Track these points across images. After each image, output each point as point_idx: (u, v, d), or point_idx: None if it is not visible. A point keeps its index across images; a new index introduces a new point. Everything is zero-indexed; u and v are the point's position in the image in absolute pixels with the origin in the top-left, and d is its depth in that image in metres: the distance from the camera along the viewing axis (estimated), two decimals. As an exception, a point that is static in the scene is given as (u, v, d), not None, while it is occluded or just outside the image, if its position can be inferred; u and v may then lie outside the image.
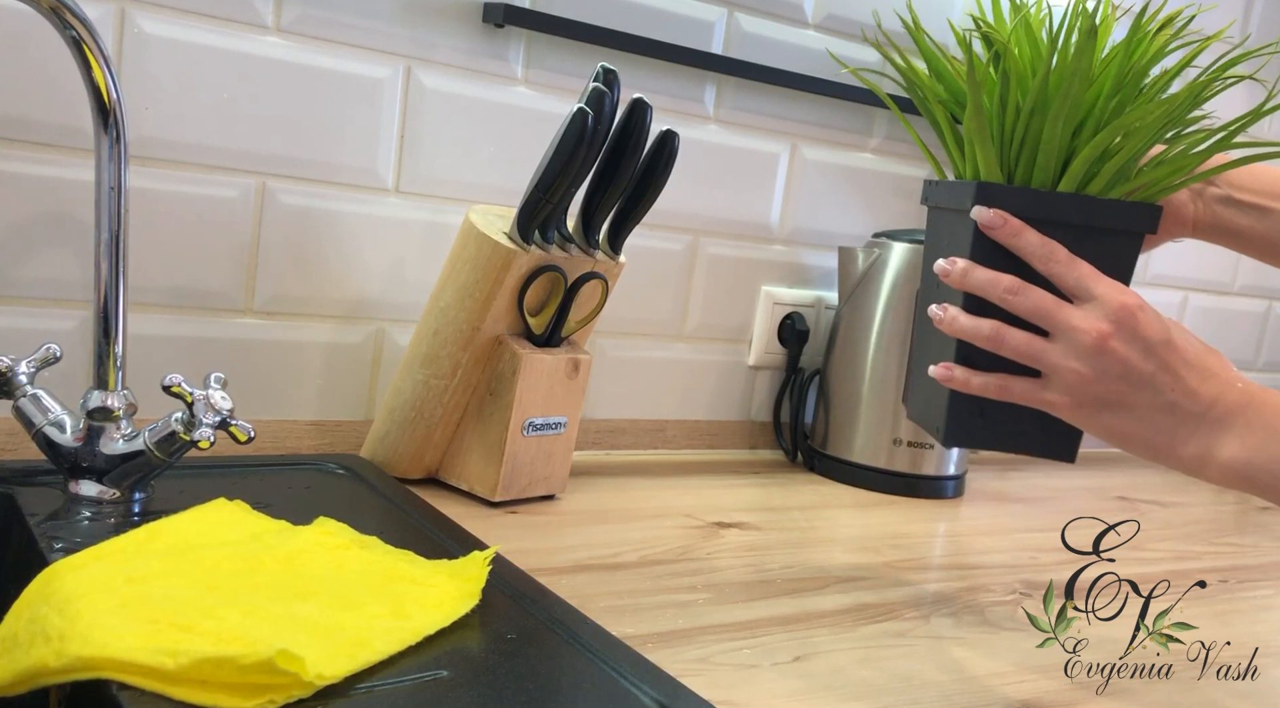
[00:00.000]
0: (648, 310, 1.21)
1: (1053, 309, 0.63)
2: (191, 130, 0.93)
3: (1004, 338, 0.64)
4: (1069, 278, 0.63)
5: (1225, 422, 0.60)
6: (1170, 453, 0.62)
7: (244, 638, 0.56)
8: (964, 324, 0.65)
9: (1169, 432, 0.61)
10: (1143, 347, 0.61)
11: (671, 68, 1.14)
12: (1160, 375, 0.61)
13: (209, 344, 0.96)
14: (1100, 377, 0.62)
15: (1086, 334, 0.62)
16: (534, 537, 0.89)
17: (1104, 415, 0.63)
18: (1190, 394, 0.60)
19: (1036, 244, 0.64)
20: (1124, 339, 0.61)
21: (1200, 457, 0.61)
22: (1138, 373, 0.61)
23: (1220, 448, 0.60)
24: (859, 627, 0.80)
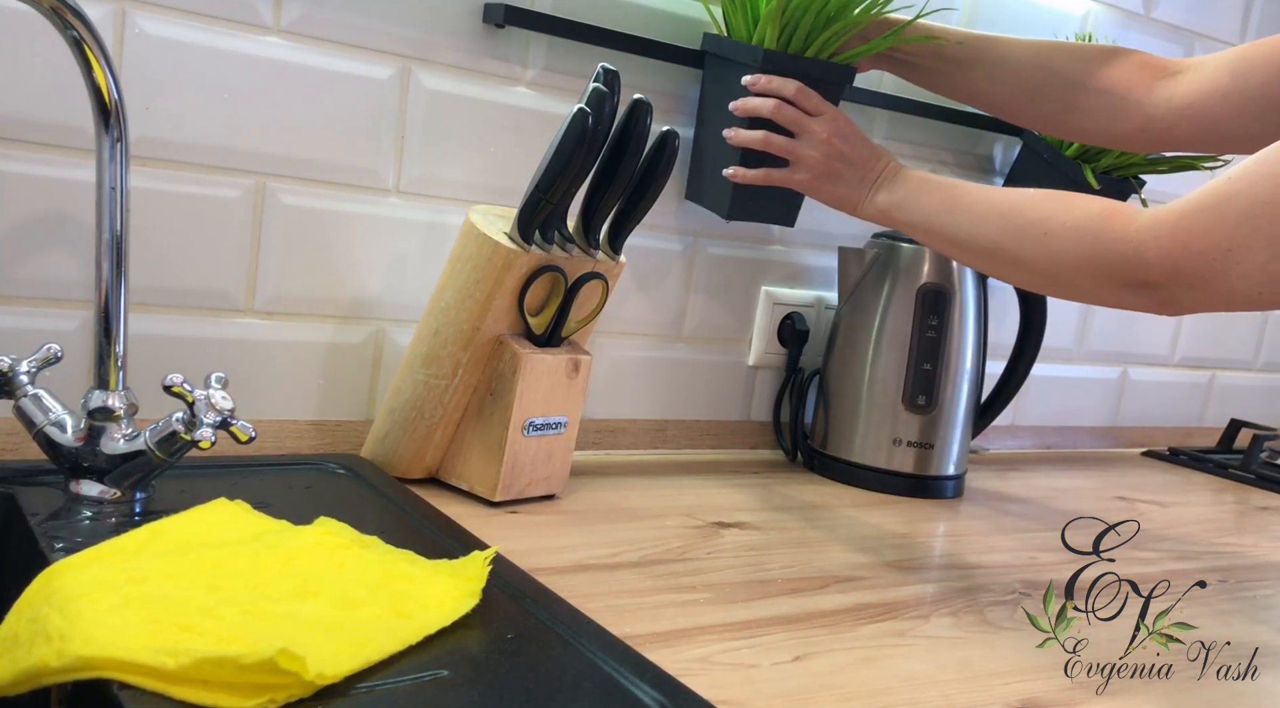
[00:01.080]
0: (648, 310, 1.21)
1: (801, 118, 1.00)
2: (191, 130, 0.93)
3: (770, 140, 1.01)
4: (809, 102, 1.01)
5: (879, 185, 0.97)
6: (851, 203, 0.99)
7: (245, 638, 0.56)
8: (745, 136, 1.02)
9: (852, 191, 0.98)
10: (844, 140, 0.99)
11: (672, 68, 1.14)
12: (852, 156, 0.98)
13: (209, 344, 0.96)
14: (827, 160, 0.99)
15: (819, 134, 0.99)
16: (534, 537, 0.89)
17: (827, 185, 0.99)
18: (866, 169, 0.98)
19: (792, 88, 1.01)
20: (839, 138, 0.99)
21: (866, 204, 0.98)
22: (845, 157, 0.98)
23: (875, 199, 0.97)
24: (859, 627, 0.80)
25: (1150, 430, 1.73)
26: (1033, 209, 0.86)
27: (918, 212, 0.94)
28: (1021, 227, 0.86)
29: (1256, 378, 1.87)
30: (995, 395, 1.34)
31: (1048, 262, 0.84)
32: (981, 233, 0.89)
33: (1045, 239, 0.84)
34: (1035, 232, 0.85)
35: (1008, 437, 1.56)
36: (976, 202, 0.90)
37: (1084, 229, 0.82)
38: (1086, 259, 0.82)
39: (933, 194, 0.94)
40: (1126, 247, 0.79)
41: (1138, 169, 1.31)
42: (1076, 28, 1.45)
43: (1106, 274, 0.81)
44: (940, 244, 0.95)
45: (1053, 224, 0.84)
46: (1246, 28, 1.64)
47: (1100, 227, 0.81)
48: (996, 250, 0.88)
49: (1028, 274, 0.89)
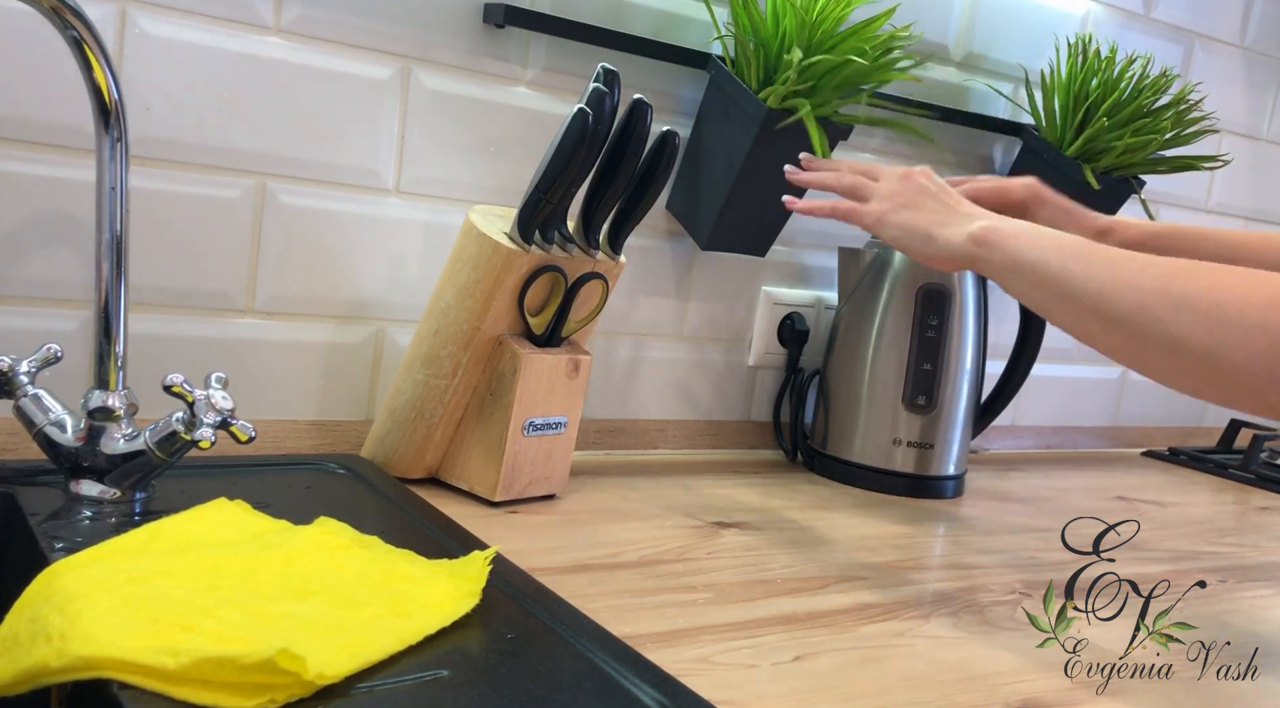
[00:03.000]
0: (648, 310, 1.21)
1: (868, 173, 0.95)
2: (191, 130, 0.93)
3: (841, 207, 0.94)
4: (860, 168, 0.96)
5: (973, 218, 0.85)
6: (935, 236, 0.86)
7: (245, 638, 0.56)
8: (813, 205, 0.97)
9: (940, 222, 0.86)
10: (929, 180, 0.91)
11: (671, 68, 1.14)
12: (940, 194, 0.89)
13: (209, 344, 0.96)
14: (905, 191, 0.90)
15: (893, 173, 0.92)
16: (534, 537, 0.89)
17: (903, 213, 0.89)
18: (957, 203, 0.88)
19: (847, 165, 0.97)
20: (918, 175, 0.91)
21: (953, 235, 0.84)
22: (928, 191, 0.90)
23: (970, 227, 0.83)
24: (859, 627, 0.80)
25: (1150, 430, 1.73)
26: (1200, 275, 0.67)
27: (1028, 249, 0.77)
28: (1185, 293, 0.66)
29: (1256, 378, 1.86)
30: (995, 395, 1.34)
31: (1216, 342, 0.64)
32: (1123, 294, 0.69)
33: (1217, 312, 0.64)
34: (1205, 303, 0.65)
35: (1008, 437, 1.56)
36: (1117, 256, 0.72)
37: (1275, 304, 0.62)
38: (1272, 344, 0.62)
39: (1051, 239, 0.77)
40: None
41: (1138, 169, 1.31)
42: (1076, 28, 1.45)
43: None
44: (1052, 297, 0.75)
45: (1230, 296, 0.64)
46: (1247, 28, 1.64)
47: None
48: (1142, 319, 0.68)
49: (1183, 357, 0.67)
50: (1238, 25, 1.63)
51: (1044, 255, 0.76)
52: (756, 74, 1.09)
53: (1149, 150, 1.29)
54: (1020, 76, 1.40)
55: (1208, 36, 1.60)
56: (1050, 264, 0.75)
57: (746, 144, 1.09)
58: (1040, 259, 0.76)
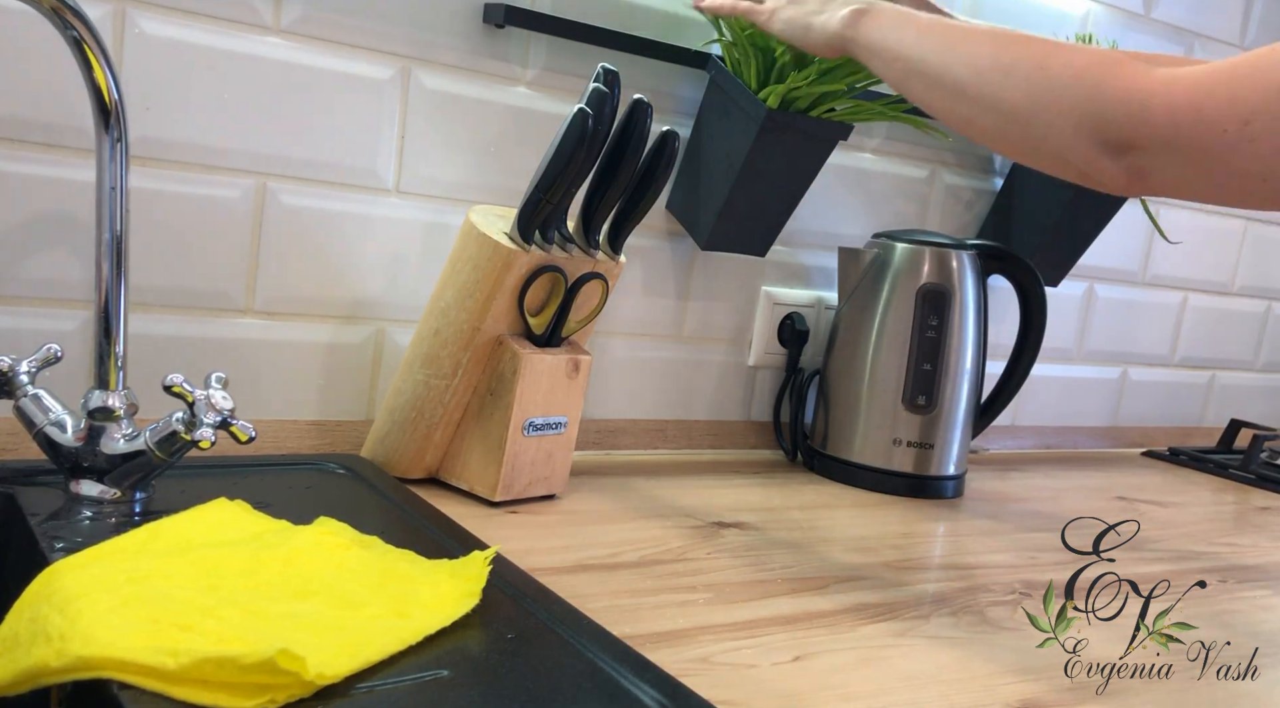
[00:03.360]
0: (648, 310, 1.21)
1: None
2: (191, 130, 0.93)
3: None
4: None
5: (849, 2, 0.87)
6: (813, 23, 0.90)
7: (245, 638, 0.56)
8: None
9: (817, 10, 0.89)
10: None
11: (672, 68, 1.14)
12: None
13: (209, 344, 0.96)
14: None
15: None
16: (534, 537, 0.89)
17: (789, 9, 0.93)
18: None
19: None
20: None
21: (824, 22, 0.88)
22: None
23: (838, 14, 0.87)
24: (859, 627, 0.80)
25: (1150, 430, 1.73)
26: (1030, 44, 0.75)
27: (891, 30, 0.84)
28: (1014, 61, 0.75)
29: (1256, 378, 1.87)
30: (995, 395, 1.34)
31: (1030, 101, 0.73)
32: (962, 65, 0.77)
33: (1038, 74, 0.73)
34: (1030, 65, 0.74)
35: (1008, 437, 1.56)
36: (966, 31, 0.80)
37: (1090, 69, 0.70)
38: (1077, 102, 0.70)
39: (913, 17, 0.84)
40: (1132, 95, 0.68)
41: None
42: (1076, 28, 1.45)
43: (1093, 124, 0.70)
44: (907, 76, 0.82)
45: (1053, 61, 0.73)
46: (1247, 28, 1.64)
47: (1109, 70, 0.70)
48: (971, 86, 0.76)
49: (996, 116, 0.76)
50: (1238, 25, 1.63)
51: (901, 36, 0.83)
52: (756, 74, 1.09)
53: (1149, 150, 1.29)
54: (1020, 76, 1.39)
55: (1208, 36, 1.60)
56: (905, 44, 0.82)
57: (746, 144, 1.09)
58: (897, 39, 0.83)
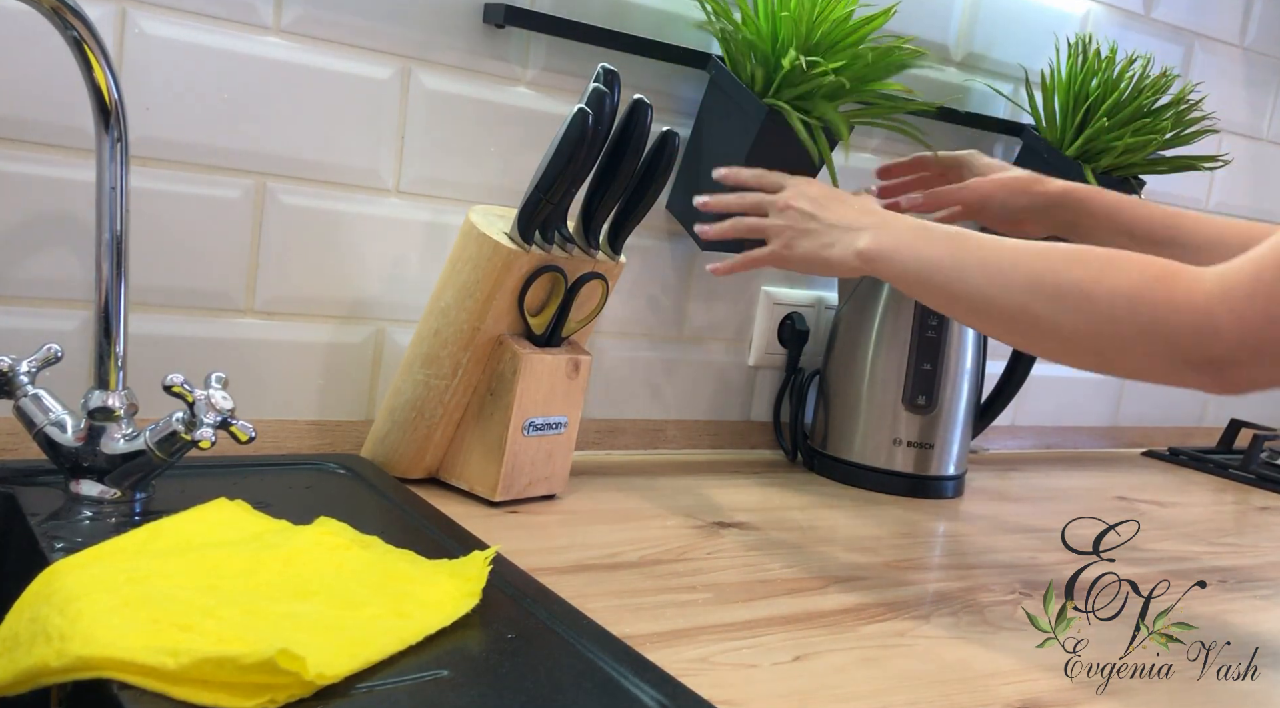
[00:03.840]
0: (648, 310, 1.21)
1: (761, 199, 0.94)
2: (191, 130, 0.93)
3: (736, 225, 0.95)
4: (768, 182, 0.96)
5: (860, 230, 0.85)
6: (828, 258, 0.88)
7: (245, 638, 0.56)
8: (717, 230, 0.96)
9: (828, 243, 0.87)
10: (809, 201, 0.90)
11: (672, 68, 1.14)
12: (820, 213, 0.89)
13: (209, 344, 0.96)
14: (791, 225, 0.91)
15: (778, 203, 0.92)
16: (534, 537, 0.89)
17: (795, 246, 0.90)
18: (839, 219, 0.88)
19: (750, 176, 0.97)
20: (797, 200, 0.91)
21: (841, 255, 0.86)
22: (806, 215, 0.90)
23: (854, 243, 0.85)
24: (859, 627, 0.80)
25: (1150, 430, 1.73)
26: (1068, 268, 0.73)
27: (913, 261, 0.81)
28: (1058, 289, 0.72)
29: (1256, 378, 1.86)
30: (995, 395, 1.34)
31: (1091, 333, 0.71)
32: (1002, 295, 0.75)
33: (1088, 305, 0.71)
34: (1075, 296, 0.71)
35: (1008, 437, 1.56)
36: (991, 254, 0.77)
37: (1139, 296, 0.69)
38: (1142, 332, 0.68)
39: (934, 243, 0.80)
40: (1194, 318, 0.66)
41: (1138, 169, 1.31)
42: (1076, 28, 1.44)
43: (1167, 351, 0.68)
44: (943, 302, 0.81)
45: (1098, 289, 0.71)
46: (1247, 28, 1.64)
47: (1159, 294, 0.68)
48: (1023, 316, 0.74)
49: (1067, 346, 0.74)
50: (1238, 25, 1.63)
51: (921, 267, 0.81)
52: (756, 74, 1.09)
53: (1149, 150, 1.29)
54: (1020, 76, 1.40)
55: (1208, 36, 1.60)
56: (931, 275, 0.80)
57: (746, 144, 1.09)
58: (919, 271, 0.81)
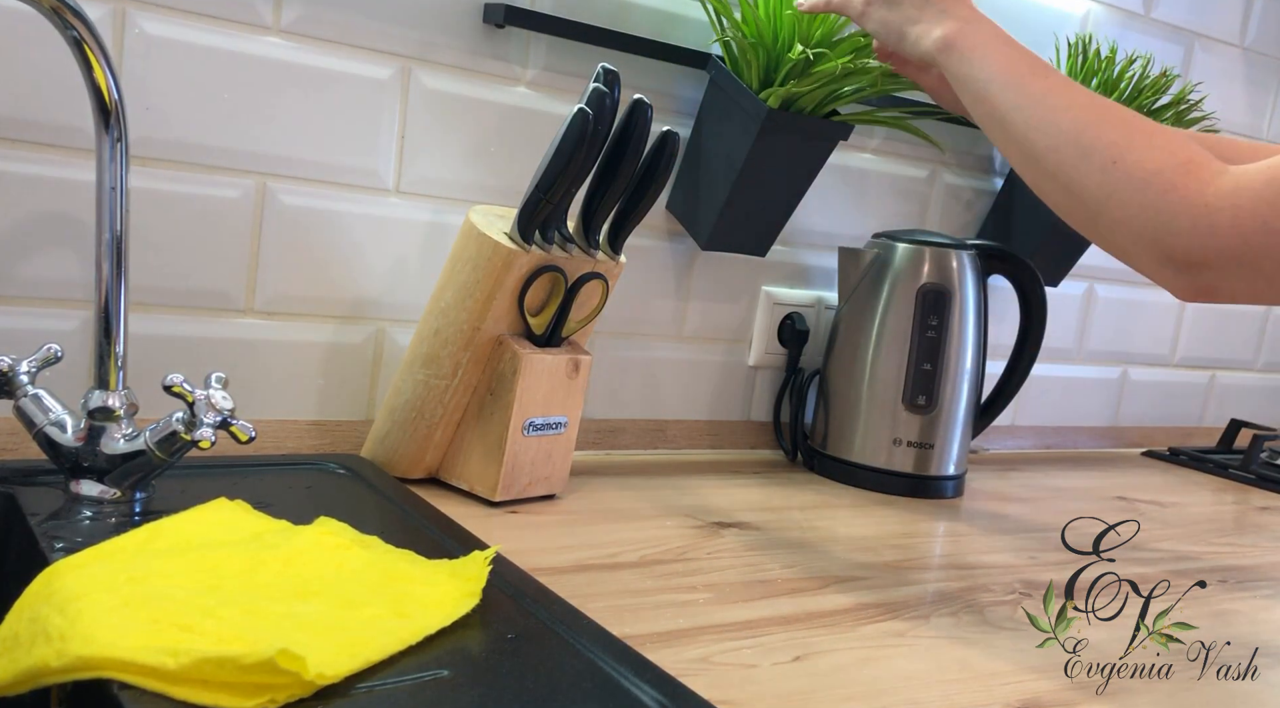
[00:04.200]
0: (648, 310, 1.21)
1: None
2: (191, 130, 0.93)
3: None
4: None
5: (947, 15, 0.83)
6: (907, 33, 0.86)
7: (245, 638, 0.56)
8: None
9: (913, 18, 0.85)
10: None
11: (672, 68, 1.14)
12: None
13: (209, 344, 0.96)
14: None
15: None
16: (534, 537, 0.89)
17: (882, 9, 0.88)
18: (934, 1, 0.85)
19: None
20: None
21: (923, 33, 0.84)
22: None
23: (937, 27, 0.83)
24: (859, 627, 0.80)
25: (1150, 430, 1.73)
26: (1110, 128, 0.72)
27: (981, 68, 0.80)
28: (1092, 145, 0.72)
29: (1256, 378, 1.87)
30: (995, 395, 1.34)
31: (1102, 194, 0.71)
32: (1042, 131, 0.75)
33: (1112, 169, 0.71)
34: (1103, 157, 0.71)
35: (1008, 437, 1.56)
36: (1052, 89, 0.76)
37: (1157, 176, 0.68)
38: (1144, 209, 0.68)
39: (1005, 55, 0.79)
40: (1195, 211, 0.66)
41: None
42: (1076, 28, 1.44)
43: (1155, 238, 0.68)
44: (989, 121, 0.80)
45: (1127, 156, 0.70)
46: (1247, 28, 1.64)
47: (1175, 180, 0.67)
48: (1051, 158, 0.74)
49: (1068, 196, 0.74)
50: (1238, 25, 1.63)
51: (990, 75, 0.79)
52: (757, 74, 1.09)
53: (1149, 150, 1.29)
54: (1020, 76, 1.39)
55: (1208, 36, 1.60)
56: (992, 87, 0.79)
57: (746, 144, 1.09)
58: (985, 78, 0.79)
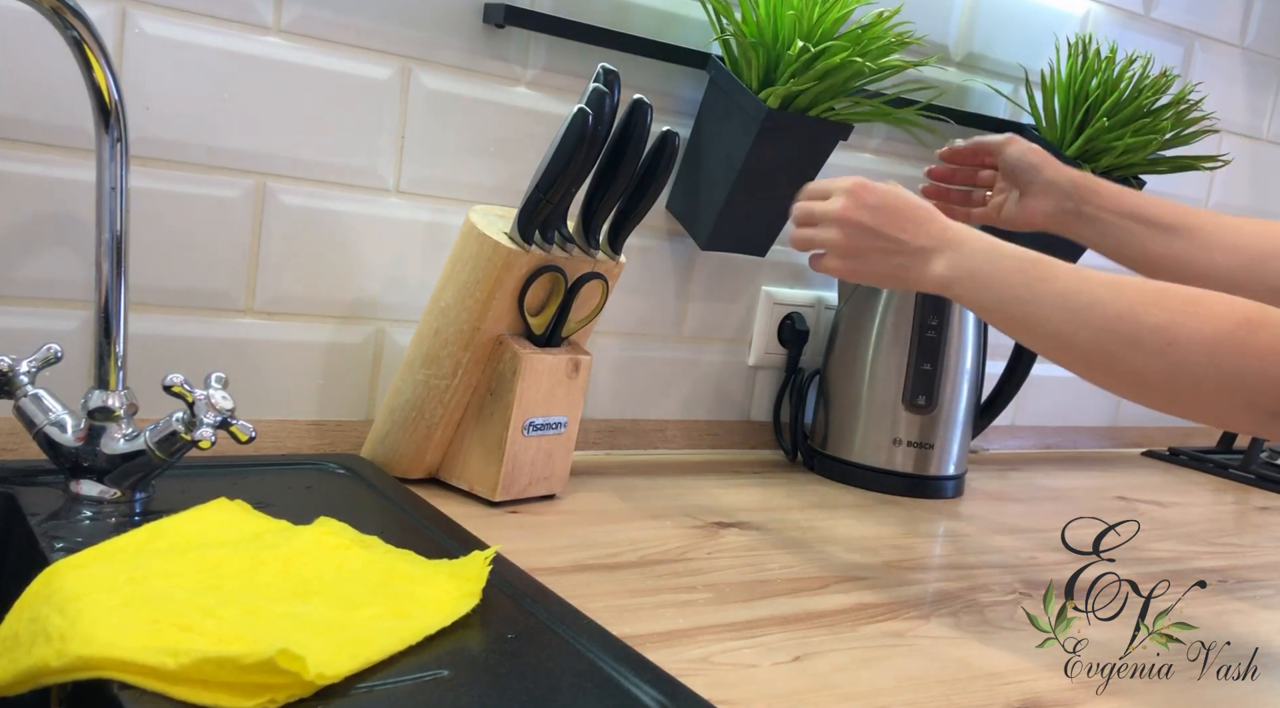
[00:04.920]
0: (648, 310, 1.21)
1: (810, 208, 0.88)
2: (191, 130, 0.93)
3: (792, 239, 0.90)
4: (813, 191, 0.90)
5: (933, 252, 0.82)
6: (902, 279, 0.84)
7: (245, 638, 0.56)
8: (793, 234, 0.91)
9: (898, 265, 0.84)
10: (869, 213, 0.84)
11: (672, 68, 1.14)
12: (885, 229, 0.84)
13: (209, 344, 0.96)
14: (848, 239, 0.85)
15: (830, 213, 0.86)
16: (534, 537, 0.89)
17: (858, 264, 0.86)
18: (910, 238, 0.83)
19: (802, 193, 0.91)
20: (856, 211, 0.84)
21: (919, 277, 0.83)
22: (869, 231, 0.84)
23: (930, 268, 0.82)
24: (859, 627, 0.80)
25: (1150, 430, 1.73)
26: (1149, 313, 0.71)
27: (990, 291, 0.79)
28: (1136, 334, 0.71)
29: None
30: (995, 395, 1.34)
31: (1171, 379, 0.70)
32: (1081, 335, 0.74)
33: (1170, 351, 0.70)
34: (1156, 342, 0.70)
35: (1008, 437, 1.56)
36: (1069, 290, 0.75)
37: (1220, 344, 0.68)
38: (1225, 381, 0.68)
39: (1007, 271, 0.79)
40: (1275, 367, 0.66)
41: (1138, 169, 1.31)
42: (1076, 28, 1.44)
43: (1250, 400, 0.67)
44: (1021, 335, 0.80)
45: (1179, 335, 0.70)
46: (1247, 28, 1.64)
47: (1243, 341, 0.67)
48: (1100, 357, 0.74)
49: (1145, 390, 0.73)
50: (1238, 25, 1.63)
51: (1000, 299, 0.79)
52: (756, 74, 1.09)
53: (1149, 150, 1.29)
54: (1020, 76, 1.40)
55: (1208, 36, 1.60)
56: (1007, 307, 0.79)
57: (746, 144, 1.09)
58: (998, 302, 0.79)
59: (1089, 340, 0.73)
